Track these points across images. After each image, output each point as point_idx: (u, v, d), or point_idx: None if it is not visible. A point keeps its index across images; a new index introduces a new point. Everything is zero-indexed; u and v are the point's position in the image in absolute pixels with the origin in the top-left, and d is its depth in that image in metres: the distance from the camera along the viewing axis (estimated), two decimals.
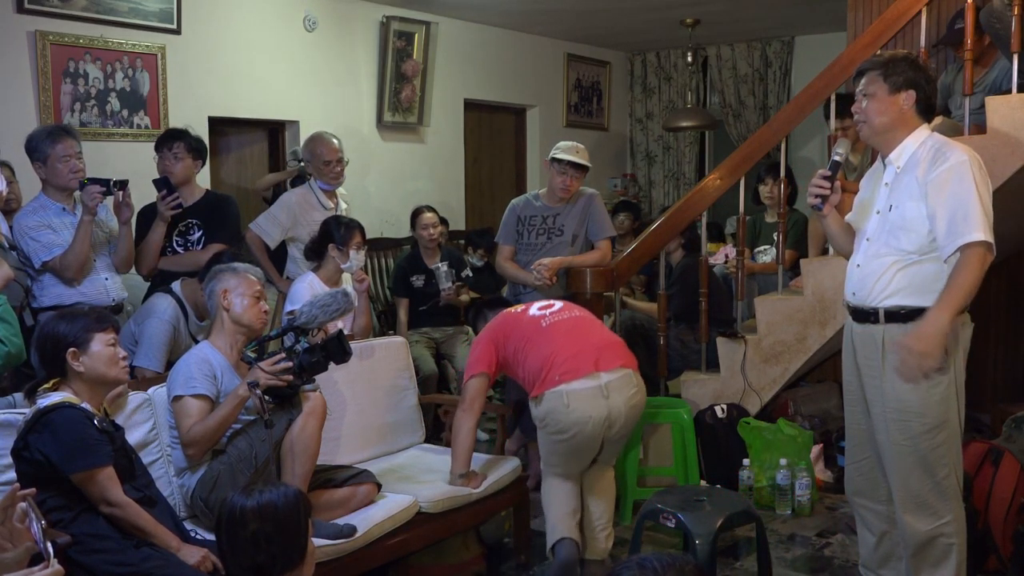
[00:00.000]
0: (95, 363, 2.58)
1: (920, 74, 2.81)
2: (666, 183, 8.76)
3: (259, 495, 2.12)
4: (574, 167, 4.32)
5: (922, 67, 2.84)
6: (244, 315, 3.08)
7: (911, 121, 2.83)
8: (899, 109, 2.81)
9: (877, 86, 2.82)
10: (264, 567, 2.08)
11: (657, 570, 1.42)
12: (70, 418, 2.46)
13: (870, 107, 2.84)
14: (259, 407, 2.87)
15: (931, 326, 2.66)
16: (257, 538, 2.07)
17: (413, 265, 5.30)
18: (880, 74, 2.82)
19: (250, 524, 2.08)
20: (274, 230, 4.41)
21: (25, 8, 4.61)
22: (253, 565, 2.08)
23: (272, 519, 2.09)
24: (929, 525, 2.84)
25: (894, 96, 2.80)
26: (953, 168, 2.70)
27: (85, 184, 3.58)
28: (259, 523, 2.08)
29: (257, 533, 2.07)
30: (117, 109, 5.02)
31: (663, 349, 4.61)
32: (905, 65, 2.81)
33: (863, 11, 5.19)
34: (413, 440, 3.94)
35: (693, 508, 3.12)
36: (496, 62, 7.42)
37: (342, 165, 4.53)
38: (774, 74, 8.05)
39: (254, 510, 2.09)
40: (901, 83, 2.79)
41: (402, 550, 3.22)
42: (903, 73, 2.79)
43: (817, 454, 4.43)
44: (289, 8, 5.87)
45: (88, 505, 2.48)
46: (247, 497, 2.12)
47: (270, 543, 2.08)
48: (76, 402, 2.52)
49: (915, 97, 2.80)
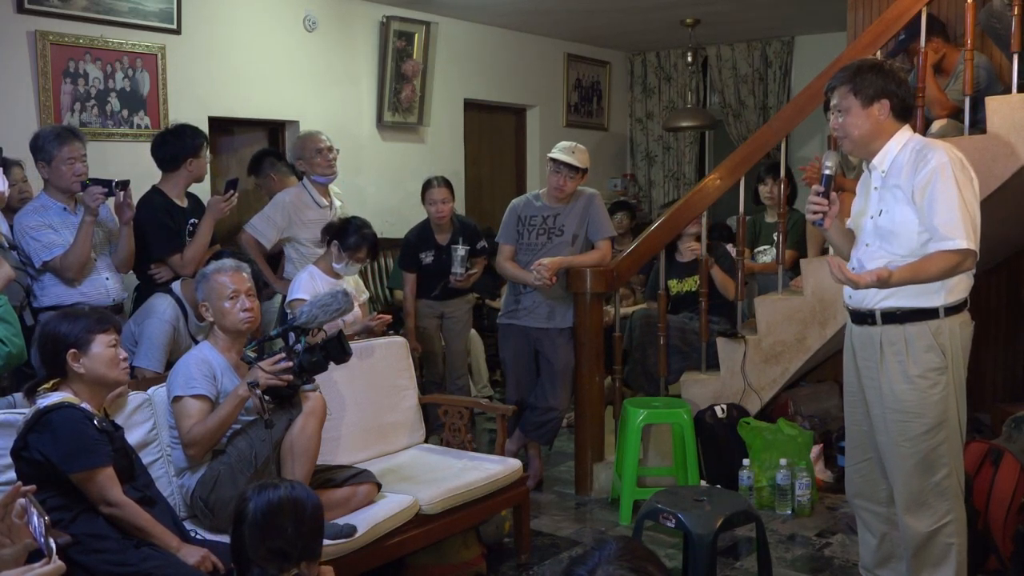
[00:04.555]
0: (95, 364, 2.57)
1: (890, 80, 2.79)
2: (666, 183, 8.76)
3: (287, 488, 2.19)
4: (567, 167, 4.32)
5: (890, 72, 2.82)
6: (225, 321, 3.06)
7: (889, 127, 2.82)
8: (875, 120, 2.81)
9: (849, 101, 2.81)
10: (285, 552, 2.14)
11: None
12: (70, 418, 2.46)
13: (847, 122, 2.83)
14: (259, 407, 2.87)
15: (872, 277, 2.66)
16: (285, 524, 2.13)
17: (423, 239, 4.91)
18: (850, 89, 2.81)
19: (283, 510, 2.15)
20: (269, 230, 4.40)
21: (25, 8, 4.61)
22: (277, 549, 2.13)
23: (302, 507, 2.17)
24: (929, 525, 2.84)
25: (868, 109, 2.80)
26: (934, 171, 2.70)
27: (87, 185, 3.59)
28: (292, 507, 2.15)
29: (287, 519, 2.14)
30: (117, 109, 5.02)
31: (663, 349, 4.62)
32: (873, 75, 2.79)
33: (863, 11, 5.19)
34: (413, 440, 3.94)
35: (693, 508, 3.12)
36: (496, 62, 7.42)
37: (334, 153, 4.50)
38: (774, 74, 8.05)
39: (287, 498, 2.16)
40: (873, 94, 2.79)
41: (402, 550, 3.22)
42: (872, 84, 2.78)
43: (817, 454, 4.43)
44: (289, 8, 5.87)
45: (88, 505, 2.48)
46: (272, 489, 2.18)
47: (300, 524, 2.15)
48: (76, 402, 2.52)
49: (889, 105, 2.79)
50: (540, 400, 4.47)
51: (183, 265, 3.92)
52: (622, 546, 1.44)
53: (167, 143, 4.06)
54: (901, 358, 2.81)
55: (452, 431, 4.00)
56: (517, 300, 4.50)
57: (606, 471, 4.50)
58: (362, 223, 4.04)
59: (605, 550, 1.43)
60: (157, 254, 3.98)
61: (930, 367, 2.79)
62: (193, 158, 4.00)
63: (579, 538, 3.98)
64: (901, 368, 2.81)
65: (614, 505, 4.31)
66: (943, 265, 2.68)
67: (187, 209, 4.06)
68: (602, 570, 1.39)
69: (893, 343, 2.82)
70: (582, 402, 4.56)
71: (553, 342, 4.45)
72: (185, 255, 3.94)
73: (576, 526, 4.14)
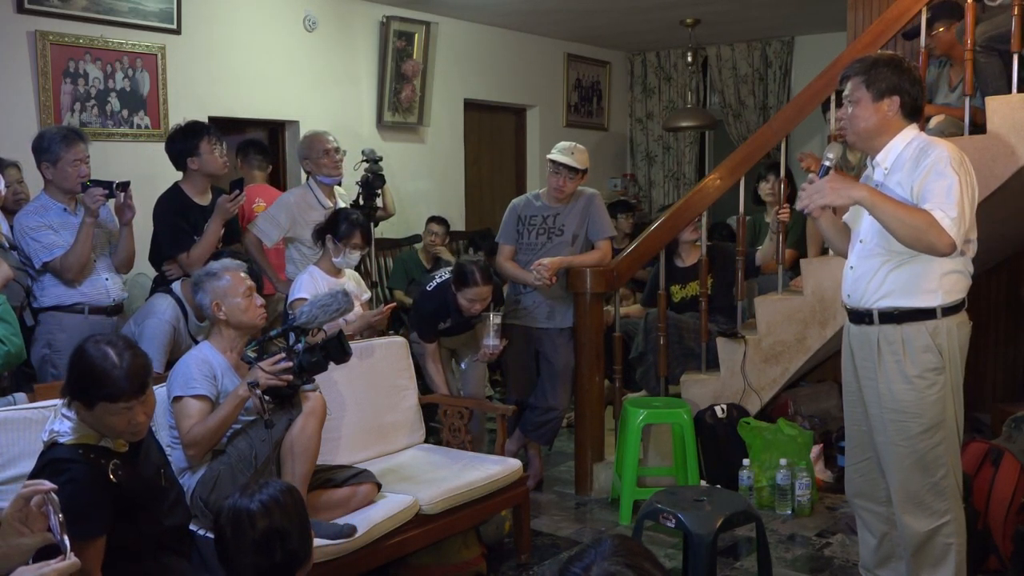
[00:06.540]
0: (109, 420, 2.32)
1: (903, 78, 2.79)
2: (666, 183, 8.76)
3: (259, 494, 2.09)
4: (567, 168, 4.32)
5: (905, 70, 2.81)
6: (244, 317, 3.07)
7: (896, 124, 2.82)
8: (883, 115, 2.81)
9: (861, 92, 2.82)
10: (282, 565, 2.04)
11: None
12: (75, 479, 2.22)
13: (854, 113, 2.84)
14: (259, 407, 2.87)
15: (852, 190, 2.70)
16: (271, 537, 2.03)
17: (442, 314, 4.18)
18: (863, 81, 2.81)
19: (259, 523, 2.04)
20: (272, 231, 4.39)
21: (25, 8, 4.61)
22: (272, 566, 2.04)
23: (281, 514, 2.06)
24: (927, 525, 2.84)
25: (878, 103, 2.80)
26: (935, 161, 2.70)
27: (88, 186, 3.59)
28: (269, 520, 2.04)
29: (270, 531, 2.03)
30: (117, 109, 5.02)
31: (664, 349, 4.61)
32: (888, 71, 2.79)
33: (863, 11, 5.20)
34: (413, 440, 3.94)
35: (693, 508, 3.12)
36: (496, 62, 7.42)
37: (340, 154, 4.51)
38: (774, 74, 8.05)
39: (260, 510, 2.05)
40: (884, 89, 2.79)
41: (402, 550, 3.22)
42: (886, 79, 2.78)
43: (817, 454, 4.43)
44: (289, 8, 5.87)
45: None
46: (248, 499, 2.08)
47: (285, 539, 2.04)
48: (93, 441, 2.30)
49: (899, 102, 2.79)
50: (540, 400, 4.47)
51: (190, 264, 3.91)
52: (618, 544, 1.44)
53: (168, 144, 4.06)
54: (899, 358, 2.81)
55: (452, 431, 4.00)
56: (517, 300, 4.50)
57: (606, 471, 4.50)
58: (348, 211, 4.05)
59: (601, 548, 1.43)
60: (166, 252, 3.99)
61: (927, 367, 2.78)
62: (193, 156, 3.99)
63: (579, 538, 3.98)
64: (899, 368, 2.81)
65: (614, 505, 4.31)
66: (920, 224, 2.64)
67: (207, 207, 4.03)
68: (598, 567, 1.39)
69: (891, 343, 2.82)
70: (582, 402, 4.56)
71: (553, 342, 4.46)
72: (192, 254, 3.93)
73: (576, 526, 4.14)
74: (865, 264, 2.86)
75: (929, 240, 2.65)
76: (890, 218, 2.68)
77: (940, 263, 2.75)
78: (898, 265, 2.79)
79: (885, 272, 2.81)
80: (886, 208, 2.68)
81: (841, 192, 2.73)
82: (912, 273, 2.78)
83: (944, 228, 2.63)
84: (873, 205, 2.70)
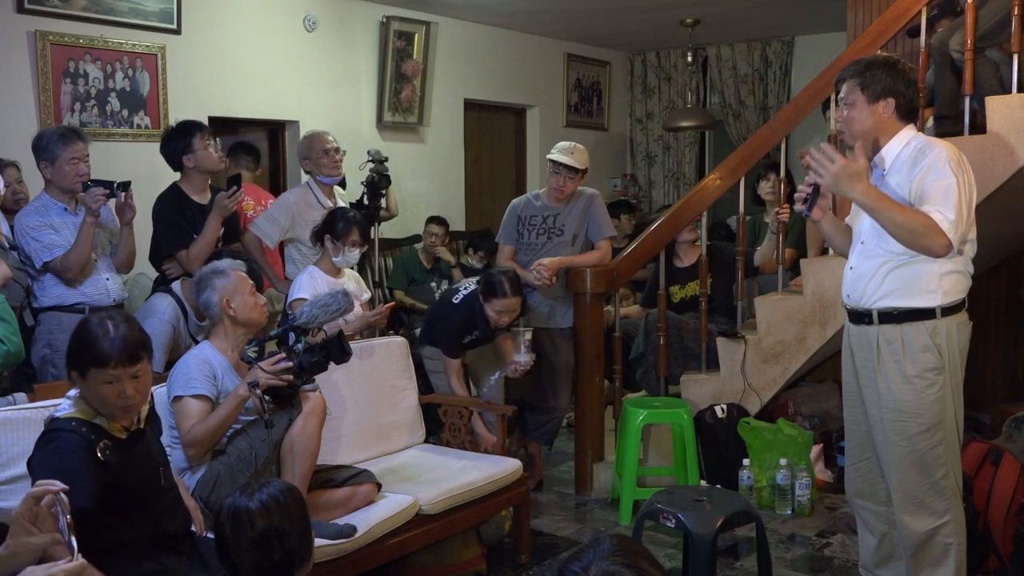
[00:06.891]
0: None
1: (899, 80, 2.80)
2: (666, 183, 8.77)
3: (259, 493, 2.08)
4: (567, 168, 4.32)
5: (901, 72, 2.82)
6: (252, 314, 3.09)
7: (892, 127, 2.83)
8: (879, 117, 2.81)
9: (856, 95, 2.83)
10: (281, 564, 2.04)
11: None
12: (64, 447, 2.28)
13: (851, 116, 2.85)
14: (259, 407, 2.86)
15: (855, 185, 2.68)
16: (270, 536, 2.02)
17: (467, 321, 4.10)
18: (858, 83, 2.82)
19: (258, 523, 2.03)
20: (273, 230, 4.39)
21: (25, 8, 4.61)
22: (271, 565, 2.03)
23: (281, 513, 2.05)
24: (927, 525, 2.84)
25: (873, 106, 2.81)
26: (933, 161, 2.71)
27: (88, 186, 3.58)
28: (268, 520, 2.03)
29: (269, 531, 2.03)
30: (117, 109, 5.02)
31: (663, 349, 4.61)
32: (883, 73, 2.80)
33: (863, 11, 5.19)
34: (413, 440, 3.94)
35: (693, 508, 3.12)
36: (496, 62, 7.42)
37: (340, 154, 4.51)
38: (774, 74, 8.05)
39: (260, 510, 2.04)
40: (880, 92, 2.79)
41: (402, 550, 3.22)
42: (881, 82, 2.79)
43: (817, 454, 4.43)
44: (289, 8, 5.87)
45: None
46: (248, 498, 2.07)
47: (285, 539, 2.03)
48: (87, 418, 2.35)
49: (895, 104, 2.80)
50: (540, 400, 4.47)
51: (190, 261, 3.91)
52: (616, 543, 1.44)
53: (163, 146, 4.07)
54: (898, 358, 2.81)
55: (452, 431, 4.00)
56: None
57: (606, 471, 4.50)
58: (344, 209, 4.06)
59: (600, 548, 1.43)
60: (165, 250, 3.99)
61: (927, 367, 2.79)
62: (187, 153, 3.99)
63: (579, 538, 3.98)
64: (898, 368, 2.81)
65: (614, 505, 4.31)
66: (918, 226, 2.65)
67: (206, 206, 4.03)
68: (596, 567, 1.39)
69: (890, 343, 2.82)
70: (582, 402, 4.56)
71: (553, 342, 4.46)
72: (191, 251, 3.93)
73: (576, 526, 4.14)
74: (865, 264, 2.87)
75: (926, 242, 2.67)
76: (888, 220, 2.69)
77: (940, 263, 2.75)
78: (898, 265, 2.79)
79: (885, 272, 2.81)
80: (884, 210, 2.69)
81: (843, 182, 2.71)
82: (912, 273, 2.78)
83: (942, 230, 2.64)
84: (871, 207, 2.70)
